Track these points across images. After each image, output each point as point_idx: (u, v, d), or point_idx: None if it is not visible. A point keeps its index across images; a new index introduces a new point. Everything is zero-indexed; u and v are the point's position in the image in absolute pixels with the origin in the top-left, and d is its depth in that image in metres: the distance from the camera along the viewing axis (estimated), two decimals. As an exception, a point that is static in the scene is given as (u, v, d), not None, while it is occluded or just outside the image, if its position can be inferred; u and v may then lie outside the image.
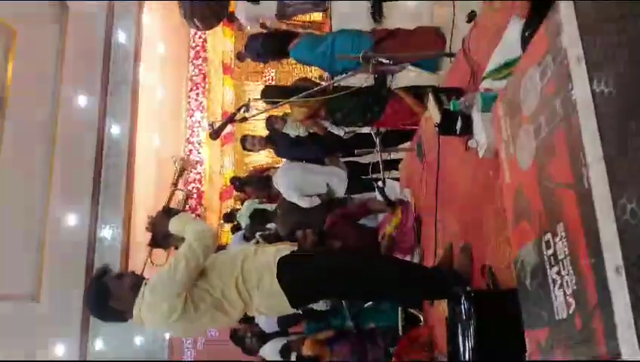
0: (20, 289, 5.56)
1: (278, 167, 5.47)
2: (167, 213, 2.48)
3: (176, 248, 2.42)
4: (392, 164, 4.27)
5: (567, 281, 1.00)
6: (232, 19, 6.15)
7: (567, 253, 1.00)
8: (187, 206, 6.92)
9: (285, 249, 2.40)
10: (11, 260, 5.45)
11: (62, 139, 6.15)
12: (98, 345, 6.73)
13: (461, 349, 1.68)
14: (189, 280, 2.19)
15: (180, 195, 2.92)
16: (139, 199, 7.20)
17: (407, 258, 3.22)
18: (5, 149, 5.26)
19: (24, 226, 5.68)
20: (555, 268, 1.04)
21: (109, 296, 2.25)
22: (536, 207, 1.15)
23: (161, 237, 2.53)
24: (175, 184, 3.00)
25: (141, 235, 6.90)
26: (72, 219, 6.47)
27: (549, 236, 1.08)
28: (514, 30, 1.69)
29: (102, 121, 7.11)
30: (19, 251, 5.58)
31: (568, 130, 1.00)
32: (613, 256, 0.85)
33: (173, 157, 8.62)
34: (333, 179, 4.44)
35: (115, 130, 7.14)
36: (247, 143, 5.29)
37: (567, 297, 0.99)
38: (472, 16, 2.33)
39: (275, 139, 4.93)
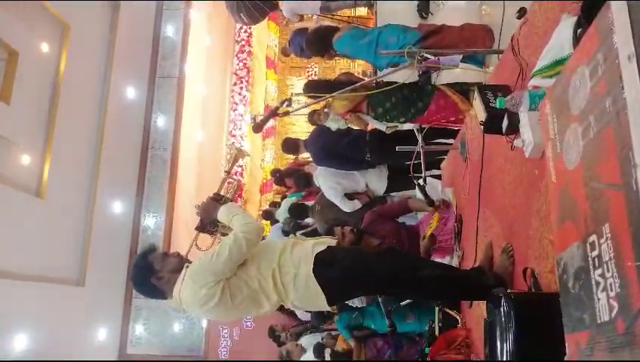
0: (67, 274, 5.77)
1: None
2: (218, 200, 2.53)
3: (223, 235, 2.46)
4: (434, 163, 4.21)
5: (610, 284, 0.97)
6: (276, 6, 6.06)
7: (611, 255, 0.98)
8: (238, 195, 6.99)
9: (323, 243, 2.41)
10: (59, 245, 5.67)
11: (110, 129, 6.34)
12: (138, 329, 6.94)
13: (499, 352, 1.65)
14: (230, 271, 2.23)
15: (233, 184, 2.96)
16: (181, 189, 7.37)
17: (447, 258, 3.18)
18: (57, 138, 5.46)
19: (72, 213, 5.89)
20: (599, 270, 1.02)
21: (151, 273, 2.31)
22: (582, 207, 1.12)
23: (208, 223, 2.59)
24: (228, 172, 3.05)
25: (183, 225, 7.07)
26: (117, 208, 6.67)
27: (593, 237, 1.06)
28: (565, 28, 1.65)
29: (148, 113, 7.30)
30: (67, 237, 5.80)
31: (618, 130, 0.97)
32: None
33: (229, 145, 8.69)
34: (373, 178, 4.40)
35: (160, 121, 7.32)
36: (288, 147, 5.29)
37: (610, 300, 0.97)
38: (522, 13, 2.27)
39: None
